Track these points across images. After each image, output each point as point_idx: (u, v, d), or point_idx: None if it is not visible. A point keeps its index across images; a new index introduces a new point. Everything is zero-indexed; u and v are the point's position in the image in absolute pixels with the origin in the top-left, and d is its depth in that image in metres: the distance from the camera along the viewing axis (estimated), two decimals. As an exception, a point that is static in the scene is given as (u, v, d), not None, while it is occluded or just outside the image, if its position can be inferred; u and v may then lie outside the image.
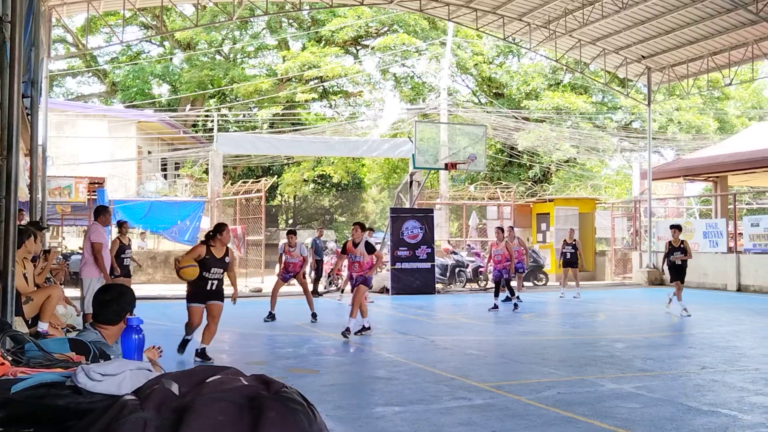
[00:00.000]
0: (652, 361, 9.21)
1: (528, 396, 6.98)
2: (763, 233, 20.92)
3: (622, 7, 20.16)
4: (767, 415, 6.28)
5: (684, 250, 14.80)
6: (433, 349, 10.42)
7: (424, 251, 20.50)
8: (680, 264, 14.74)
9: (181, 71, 39.84)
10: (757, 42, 21.06)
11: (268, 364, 8.82)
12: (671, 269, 14.96)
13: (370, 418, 6.15)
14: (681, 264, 14.75)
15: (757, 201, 37.27)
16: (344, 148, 27.90)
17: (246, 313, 15.63)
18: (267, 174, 37.90)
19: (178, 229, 23.74)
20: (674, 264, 14.83)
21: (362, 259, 11.80)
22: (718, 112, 39.63)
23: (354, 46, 41.69)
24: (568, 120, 36.03)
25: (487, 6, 22.02)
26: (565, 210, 26.20)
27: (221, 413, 1.23)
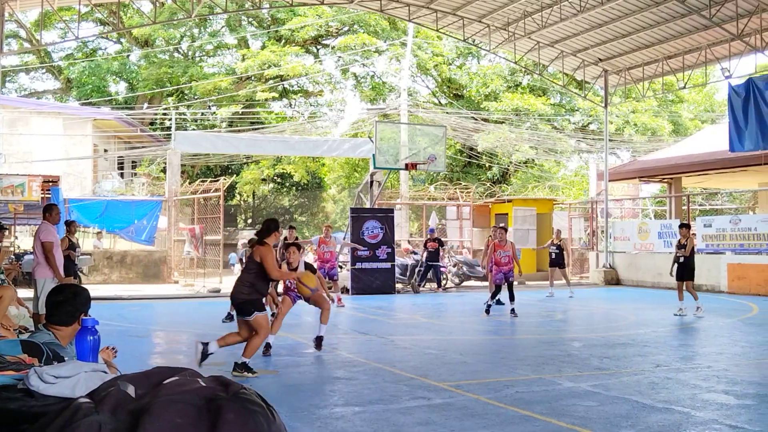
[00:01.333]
0: (608, 360, 9.35)
1: (487, 395, 7.03)
2: (715, 234, 21.39)
3: (580, 10, 20.43)
4: (719, 412, 6.42)
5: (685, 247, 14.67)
6: (392, 348, 10.43)
7: (384, 251, 20.53)
8: (683, 262, 14.62)
9: (139, 68, 39.28)
10: (710, 47, 21.52)
11: (226, 365, 8.74)
12: (678, 268, 14.75)
13: (329, 419, 6.14)
14: (684, 262, 14.61)
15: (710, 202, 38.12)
16: (304, 148, 27.78)
17: (204, 314, 15.47)
18: (226, 173, 37.60)
19: (135, 229, 23.41)
20: (679, 262, 14.71)
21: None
22: (673, 114, 40.42)
23: (314, 46, 41.56)
24: (527, 121, 36.41)
25: (447, 7, 22.13)
26: (524, 210, 26.47)
27: (179, 415, 1.21)
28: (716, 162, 23.72)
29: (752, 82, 20.41)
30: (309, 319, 13.88)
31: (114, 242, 25.89)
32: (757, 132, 20.08)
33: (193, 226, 22.81)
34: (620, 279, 24.39)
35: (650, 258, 23.22)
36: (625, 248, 24.71)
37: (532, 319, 14.78)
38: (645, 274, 23.38)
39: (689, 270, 14.62)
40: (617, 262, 24.77)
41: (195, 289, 20.42)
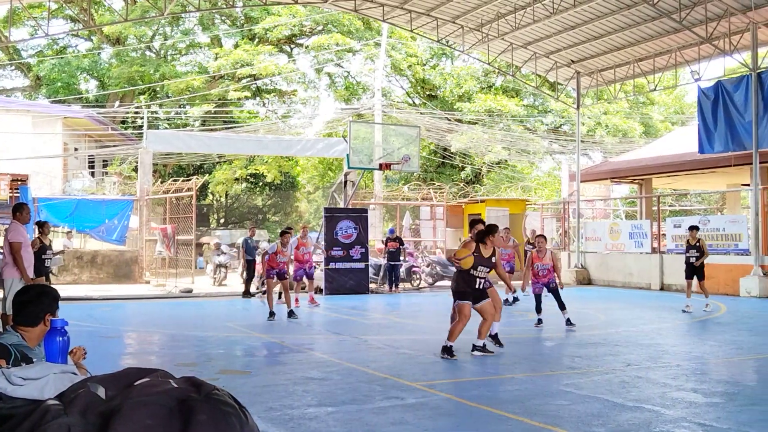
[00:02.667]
0: (579, 359, 9.42)
1: (460, 394, 7.05)
2: (684, 234, 21.64)
3: (552, 12, 20.59)
4: (688, 410, 6.50)
5: (699, 249, 15.34)
6: (366, 348, 10.42)
7: (358, 251, 20.51)
8: (694, 262, 15.29)
9: (110, 66, 38.86)
10: (680, 49, 21.80)
11: (198, 366, 8.67)
12: (688, 268, 15.48)
13: (302, 419, 6.12)
14: (695, 261, 15.29)
15: (679, 203, 38.63)
16: (278, 147, 27.68)
17: (176, 314, 15.35)
18: (198, 172, 37.36)
19: (105, 228, 23.15)
20: (690, 263, 15.40)
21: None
22: (644, 116, 40.90)
23: (288, 45, 41.43)
24: (500, 122, 36.61)
25: (422, 8, 22.18)
26: (497, 211, 26.60)
27: (150, 417, 1.19)
28: (686, 163, 24.03)
29: (721, 85, 20.73)
30: (282, 319, 13.84)
31: (84, 242, 25.57)
32: (726, 134, 20.39)
33: (165, 226, 22.62)
34: (592, 279, 24.60)
35: (621, 258, 23.46)
36: (596, 248, 24.94)
37: (505, 319, 14.85)
38: (616, 274, 23.61)
39: (700, 271, 15.26)
40: (589, 262, 24.99)
41: (167, 290, 20.25)
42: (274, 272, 14.28)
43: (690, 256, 15.45)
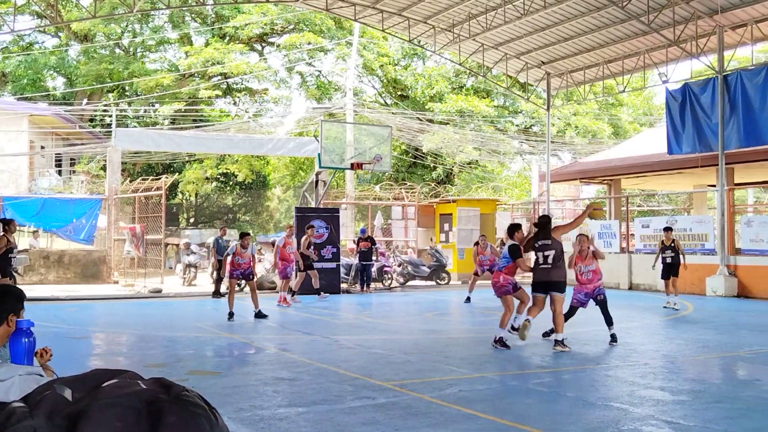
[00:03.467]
0: (549, 358, 9.50)
1: (430, 394, 7.06)
2: (652, 234, 21.93)
3: (523, 14, 20.73)
4: (656, 408, 6.58)
5: (674, 249, 15.85)
6: (337, 348, 10.40)
7: (329, 251, 20.46)
8: (670, 262, 15.80)
9: (78, 63, 38.34)
10: (648, 52, 22.08)
11: (167, 367, 8.59)
12: (664, 268, 15.95)
13: (272, 420, 6.09)
14: (671, 262, 15.80)
15: (647, 203, 39.12)
16: (248, 146, 27.51)
17: (145, 315, 15.19)
18: (168, 171, 36.96)
19: (73, 228, 22.84)
20: (665, 262, 15.90)
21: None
22: (612, 117, 41.34)
23: (259, 44, 41.21)
24: (471, 123, 36.77)
25: (393, 8, 22.20)
26: (467, 211, 26.71)
27: (118, 419, 1.17)
28: (654, 164, 24.33)
29: (688, 87, 21.03)
30: (252, 319, 13.76)
31: (51, 241, 25.21)
32: (694, 135, 20.69)
33: (134, 225, 22.38)
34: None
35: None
36: (565, 248, 25.10)
37: (476, 318, 14.93)
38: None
39: (676, 268, 15.77)
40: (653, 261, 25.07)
41: (135, 290, 20.04)
42: (237, 273, 14.23)
43: (666, 257, 15.88)
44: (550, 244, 10.18)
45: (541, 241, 10.21)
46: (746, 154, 20.41)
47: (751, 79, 19.26)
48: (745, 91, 19.30)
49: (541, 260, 10.15)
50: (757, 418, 6.26)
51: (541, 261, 10.15)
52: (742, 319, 14.37)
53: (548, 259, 10.09)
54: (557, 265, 10.09)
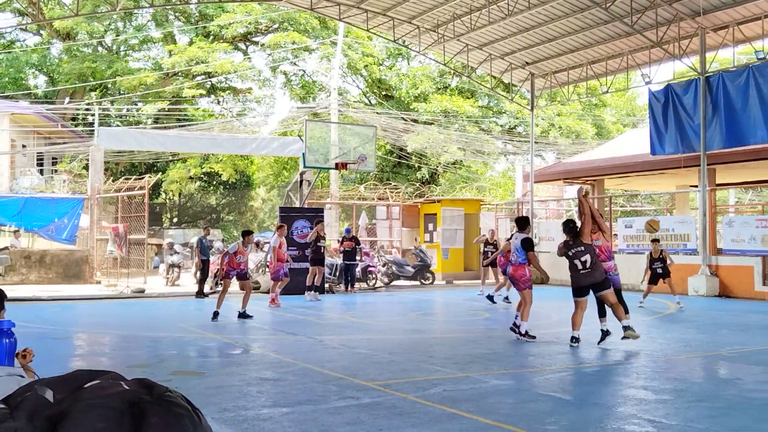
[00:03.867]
0: (533, 358, 9.54)
1: (415, 394, 7.07)
2: (635, 234, 22.07)
3: (507, 14, 20.79)
4: (638, 407, 6.62)
5: (663, 260, 16.35)
6: (321, 348, 10.39)
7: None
8: (661, 272, 16.28)
9: (60, 62, 38.03)
10: (631, 53, 22.22)
11: (150, 367, 8.55)
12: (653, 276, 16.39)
13: (257, 420, 6.07)
14: (661, 272, 16.28)
15: (631, 203, 39.35)
16: (232, 146, 27.40)
17: (128, 315, 15.10)
18: (151, 171, 36.78)
19: (55, 227, 22.64)
20: (655, 272, 16.32)
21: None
22: (596, 118, 41.55)
23: (243, 43, 41.07)
24: (456, 123, 36.84)
25: (378, 8, 22.20)
26: (452, 211, 26.76)
27: (100, 420, 1.16)
28: (637, 165, 24.48)
29: (671, 88, 21.18)
30: (236, 320, 13.71)
31: (32, 241, 24.98)
32: (677, 136, 20.85)
33: (117, 225, 22.23)
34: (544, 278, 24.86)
35: (574, 258, 23.76)
36: (549, 248, 25.22)
37: (460, 318, 14.97)
38: (569, 273, 23.92)
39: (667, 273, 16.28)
40: (542, 262, 25.27)
41: (118, 290, 19.91)
42: (234, 272, 14.14)
43: (656, 267, 16.33)
44: (584, 250, 10.24)
45: (575, 249, 10.24)
46: (728, 155, 20.59)
47: (732, 81, 19.43)
48: (727, 93, 19.47)
49: (579, 266, 10.18)
50: (738, 417, 6.32)
51: (579, 267, 10.18)
52: (724, 319, 14.50)
53: (587, 264, 10.16)
54: (596, 266, 10.24)
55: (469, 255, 27.01)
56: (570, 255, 10.23)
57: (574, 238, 10.34)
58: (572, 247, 10.25)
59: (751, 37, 19.69)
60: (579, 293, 10.33)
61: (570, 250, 10.24)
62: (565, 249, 10.31)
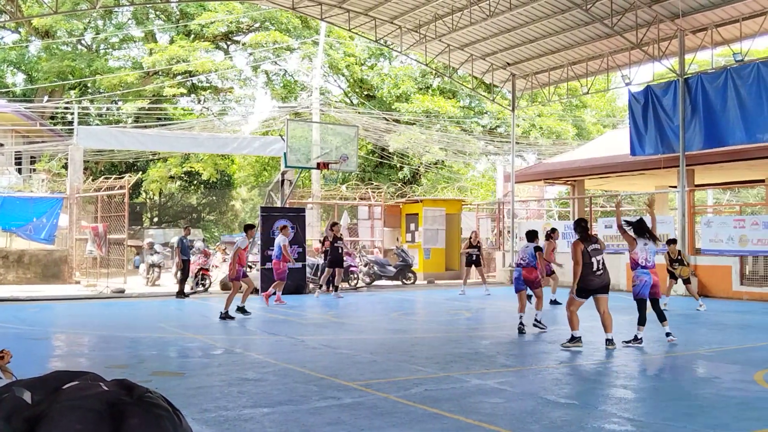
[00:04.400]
0: (514, 357, 9.58)
1: (396, 393, 7.07)
2: (615, 234, 22.19)
3: (489, 15, 20.86)
4: (618, 406, 6.67)
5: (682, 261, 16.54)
6: (303, 349, 10.37)
7: (295, 251, 20.34)
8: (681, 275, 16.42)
9: (39, 60, 37.65)
10: (611, 54, 22.37)
11: (130, 368, 8.49)
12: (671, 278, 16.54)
13: (237, 420, 6.05)
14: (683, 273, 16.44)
15: (610, 204, 39.60)
16: (213, 145, 27.25)
17: (107, 315, 14.99)
18: (131, 170, 36.50)
19: (33, 227, 22.41)
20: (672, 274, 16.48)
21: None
22: (576, 119, 41.80)
23: (224, 42, 40.87)
24: (437, 123, 36.90)
25: (360, 7, 22.19)
26: (433, 210, 26.81)
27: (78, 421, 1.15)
28: (617, 165, 24.64)
29: (650, 90, 21.35)
30: (216, 320, 13.65)
31: (10, 241, 24.71)
32: (656, 137, 21.02)
33: (97, 225, 22.05)
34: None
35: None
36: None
37: (441, 318, 14.99)
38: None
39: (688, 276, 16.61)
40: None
41: (98, 290, 19.76)
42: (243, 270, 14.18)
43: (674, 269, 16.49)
44: (600, 249, 10.18)
45: (593, 246, 10.08)
46: (706, 156, 20.78)
47: (711, 83, 19.62)
48: (706, 94, 19.66)
49: (595, 266, 10.00)
50: (716, 415, 6.38)
51: (595, 267, 10.00)
52: (702, 318, 14.64)
53: (600, 264, 10.08)
54: (606, 268, 10.25)
55: (450, 255, 27.07)
56: (589, 252, 9.99)
57: (590, 237, 10.22)
58: (591, 244, 10.07)
59: (729, 39, 19.89)
60: (586, 294, 10.13)
61: (589, 247, 10.02)
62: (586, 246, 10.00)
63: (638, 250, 10.63)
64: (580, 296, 10.17)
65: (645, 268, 10.60)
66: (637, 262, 10.59)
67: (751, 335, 12.16)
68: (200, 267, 20.77)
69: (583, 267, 9.94)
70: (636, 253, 10.63)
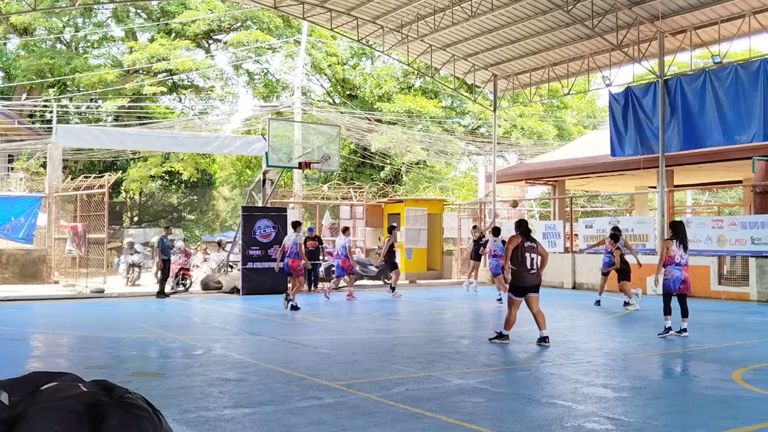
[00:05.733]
0: (495, 357, 9.61)
1: (377, 393, 7.07)
2: (596, 234, 22.35)
3: (471, 16, 20.91)
4: (598, 405, 6.71)
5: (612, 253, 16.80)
6: (284, 349, 10.34)
7: (276, 251, 20.30)
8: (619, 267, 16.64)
9: (17, 57, 37.26)
10: (592, 55, 22.50)
11: (109, 369, 8.42)
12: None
13: (218, 421, 6.02)
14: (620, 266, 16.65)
15: (591, 204, 39.88)
16: (194, 144, 27.09)
17: (87, 315, 14.86)
18: (111, 169, 36.22)
19: (11, 226, 22.17)
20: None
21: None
22: (557, 120, 42.02)
23: (206, 40, 40.67)
24: (419, 123, 36.96)
25: (342, 7, 22.16)
26: (415, 210, 26.84)
27: (57, 423, 1.14)
28: (597, 166, 24.80)
29: (630, 91, 21.51)
30: (197, 320, 13.58)
31: (-12, 240, 24.44)
32: (636, 138, 21.18)
33: (76, 224, 21.86)
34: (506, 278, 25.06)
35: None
36: (511, 248, 25.44)
37: (423, 317, 15.01)
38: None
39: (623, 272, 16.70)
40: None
41: (77, 290, 19.59)
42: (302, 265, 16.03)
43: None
44: (535, 248, 10.46)
45: (530, 243, 10.43)
46: (685, 157, 20.98)
47: (690, 84, 19.80)
48: (685, 96, 19.83)
49: (529, 264, 10.32)
50: (695, 414, 6.44)
51: (529, 265, 10.33)
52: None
53: (535, 263, 10.38)
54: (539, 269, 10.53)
55: (432, 255, 27.12)
56: (524, 249, 10.34)
57: (529, 236, 10.57)
58: (527, 242, 10.42)
59: (708, 42, 20.08)
60: (521, 292, 10.50)
61: (525, 244, 10.38)
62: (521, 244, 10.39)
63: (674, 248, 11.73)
64: (516, 295, 10.54)
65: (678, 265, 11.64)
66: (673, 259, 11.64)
67: (728, 334, 12.29)
68: (181, 267, 20.66)
69: (519, 264, 10.32)
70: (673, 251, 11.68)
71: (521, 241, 10.37)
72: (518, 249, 10.32)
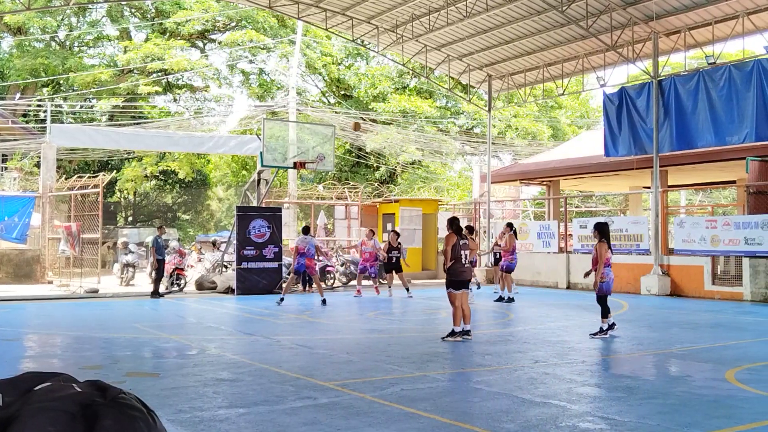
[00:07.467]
0: (489, 357, 9.62)
1: (372, 393, 7.08)
2: (590, 234, 22.38)
3: (466, 16, 20.93)
4: (592, 405, 6.73)
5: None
6: (278, 349, 10.33)
7: (271, 251, 20.30)
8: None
9: (11, 57, 37.14)
10: (586, 56, 22.55)
11: (104, 369, 8.41)
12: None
13: (213, 421, 6.01)
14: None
15: (585, 204, 39.96)
16: (189, 144, 27.04)
17: (81, 315, 14.83)
18: (105, 169, 36.13)
19: (5, 226, 22.10)
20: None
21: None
22: (552, 120, 42.08)
23: (200, 40, 40.60)
24: (414, 123, 36.97)
25: (337, 7, 22.17)
26: (410, 210, 26.85)
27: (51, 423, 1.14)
28: (591, 166, 24.84)
29: (624, 91, 21.56)
30: (192, 320, 13.57)
31: (-19, 240, 24.35)
32: (630, 138, 21.23)
33: (70, 224, 21.80)
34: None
35: (529, 257, 24.04)
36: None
37: (417, 317, 15.02)
38: (525, 273, 24.17)
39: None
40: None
41: (71, 290, 19.54)
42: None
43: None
44: (468, 245, 10.98)
45: (464, 241, 10.91)
46: (679, 157, 21.02)
47: (684, 85, 19.85)
48: (678, 96, 19.88)
49: (463, 259, 10.83)
50: (688, 413, 6.46)
51: (463, 260, 10.84)
52: (674, 317, 14.80)
53: (466, 259, 10.92)
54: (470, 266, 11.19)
55: (427, 255, 27.13)
56: (459, 246, 10.80)
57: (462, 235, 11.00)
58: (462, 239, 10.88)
59: (702, 42, 20.14)
60: (459, 286, 10.93)
61: (460, 242, 10.82)
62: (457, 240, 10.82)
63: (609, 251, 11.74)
64: (456, 289, 10.96)
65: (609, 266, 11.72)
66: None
67: (722, 334, 12.33)
68: (175, 267, 20.62)
69: (455, 260, 10.78)
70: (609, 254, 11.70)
71: (456, 239, 10.82)
72: (456, 246, 10.77)
